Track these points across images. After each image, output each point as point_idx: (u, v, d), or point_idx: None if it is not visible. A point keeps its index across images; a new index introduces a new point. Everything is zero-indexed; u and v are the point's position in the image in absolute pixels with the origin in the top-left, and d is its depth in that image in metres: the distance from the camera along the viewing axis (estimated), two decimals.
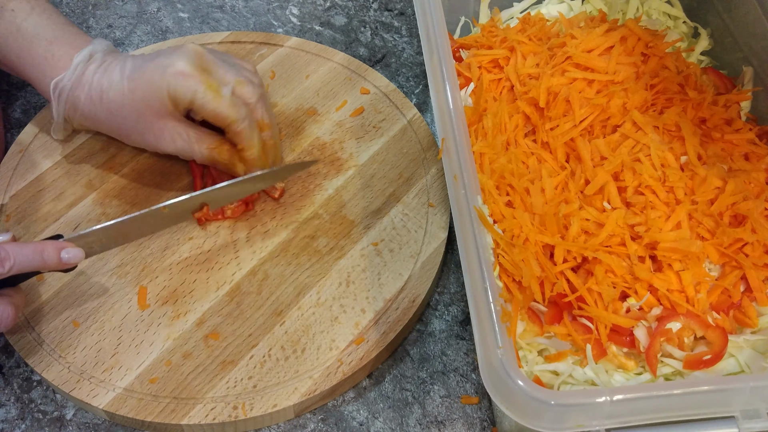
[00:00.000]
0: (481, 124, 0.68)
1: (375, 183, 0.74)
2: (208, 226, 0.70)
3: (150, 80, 0.66)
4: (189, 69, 0.65)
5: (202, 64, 0.66)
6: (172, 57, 0.66)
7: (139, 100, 0.66)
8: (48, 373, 0.61)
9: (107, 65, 0.68)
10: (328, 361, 0.62)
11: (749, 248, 0.60)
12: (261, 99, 0.69)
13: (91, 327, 0.64)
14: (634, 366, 0.58)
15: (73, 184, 0.73)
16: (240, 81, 0.68)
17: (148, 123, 0.68)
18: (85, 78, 0.68)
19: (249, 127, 0.67)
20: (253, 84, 0.69)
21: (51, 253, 0.59)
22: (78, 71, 0.68)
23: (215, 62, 0.67)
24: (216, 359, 0.63)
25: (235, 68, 0.69)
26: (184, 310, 0.65)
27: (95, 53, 0.69)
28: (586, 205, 0.62)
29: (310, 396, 0.61)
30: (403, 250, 0.69)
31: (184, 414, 0.59)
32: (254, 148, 0.68)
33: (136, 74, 0.66)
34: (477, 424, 0.62)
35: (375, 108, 0.79)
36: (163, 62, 0.66)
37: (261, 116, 0.69)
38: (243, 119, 0.66)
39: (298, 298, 0.66)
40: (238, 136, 0.67)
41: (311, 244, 0.69)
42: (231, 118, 0.66)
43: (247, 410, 0.60)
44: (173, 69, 0.65)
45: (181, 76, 0.65)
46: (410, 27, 0.91)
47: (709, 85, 0.72)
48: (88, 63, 0.68)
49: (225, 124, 0.67)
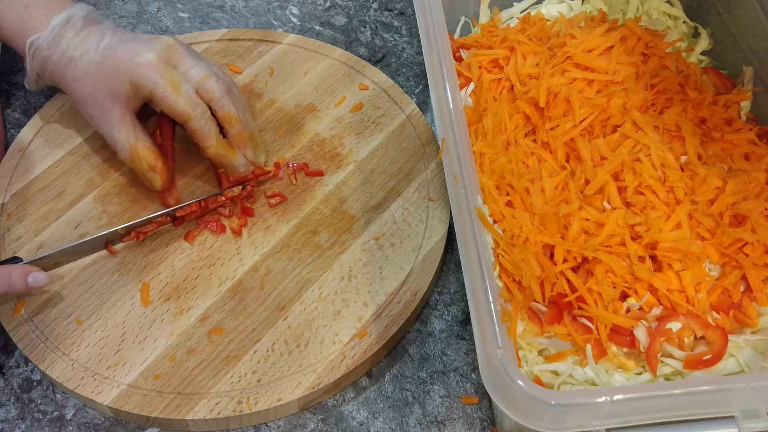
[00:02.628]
0: (481, 124, 0.68)
1: (375, 178, 0.74)
2: (207, 224, 0.70)
3: (118, 63, 0.68)
4: (156, 61, 0.67)
5: (170, 58, 0.68)
6: (144, 46, 0.68)
7: (102, 76, 0.68)
8: (52, 371, 0.62)
9: (85, 35, 0.70)
10: (331, 354, 0.63)
11: (749, 248, 0.60)
12: (227, 93, 0.70)
13: (95, 324, 0.64)
14: (634, 366, 0.58)
15: (73, 183, 0.73)
16: (206, 75, 0.69)
17: (100, 98, 0.69)
18: (62, 41, 0.70)
19: (204, 125, 0.69)
20: (220, 78, 0.71)
21: (18, 278, 0.62)
22: (54, 33, 0.70)
23: (185, 56, 0.69)
24: (220, 354, 0.63)
25: (204, 63, 0.71)
26: (187, 306, 0.65)
27: (74, 17, 0.71)
28: (586, 205, 0.62)
29: (314, 390, 0.61)
30: (404, 244, 0.69)
31: (189, 409, 0.60)
32: (212, 147, 0.70)
33: (107, 53, 0.68)
34: (477, 424, 0.62)
35: (374, 104, 0.80)
36: (135, 48, 0.68)
37: (227, 111, 0.70)
38: (199, 118, 0.68)
39: (300, 293, 0.66)
40: (193, 133, 0.69)
41: (312, 239, 0.70)
42: (186, 116, 0.68)
43: (251, 404, 0.60)
44: (141, 59, 0.67)
45: (146, 66, 0.67)
46: (410, 27, 0.91)
47: (709, 85, 0.72)
48: (66, 26, 0.70)
49: (181, 120, 0.68)
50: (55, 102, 0.79)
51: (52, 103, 0.79)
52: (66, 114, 0.78)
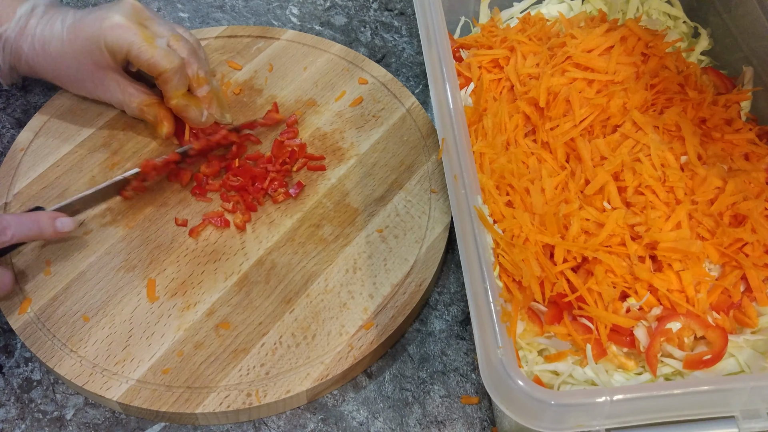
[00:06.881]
0: (481, 124, 0.68)
1: (377, 171, 0.75)
2: (211, 219, 0.70)
3: (88, 32, 0.69)
4: (125, 22, 0.69)
5: (138, 19, 0.70)
6: (111, 11, 0.70)
7: (78, 50, 0.70)
8: (60, 368, 0.62)
9: (49, 17, 0.71)
10: (338, 346, 0.63)
11: (749, 248, 0.60)
12: (193, 54, 0.73)
13: (102, 321, 0.65)
14: (634, 366, 0.58)
15: (76, 181, 0.73)
16: (174, 36, 0.71)
17: (88, 72, 0.72)
18: (28, 29, 0.71)
19: (179, 79, 0.71)
20: (186, 40, 0.73)
21: (46, 223, 0.64)
22: (21, 23, 0.71)
23: (151, 18, 0.71)
24: (227, 348, 0.63)
25: (170, 25, 0.73)
26: (194, 301, 0.66)
27: (37, 6, 0.72)
28: (586, 205, 0.62)
29: (322, 381, 0.61)
30: (408, 235, 0.70)
31: (198, 403, 0.60)
32: (176, 99, 0.72)
33: (75, 25, 0.70)
34: (477, 424, 0.62)
35: (374, 98, 0.80)
36: (101, 15, 0.69)
37: (196, 71, 0.73)
38: (175, 71, 0.70)
39: (306, 286, 0.67)
40: (165, 83, 0.71)
41: (317, 232, 0.70)
42: (163, 68, 0.69)
43: (260, 397, 0.60)
44: (110, 21, 0.69)
45: (117, 28, 0.69)
46: (410, 27, 0.91)
47: (709, 85, 0.72)
48: (31, 14, 0.72)
49: (157, 72, 0.70)
50: (55, 102, 0.79)
51: (51, 102, 0.79)
52: (66, 113, 0.78)
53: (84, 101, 0.78)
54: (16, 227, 0.62)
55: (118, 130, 0.77)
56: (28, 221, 0.63)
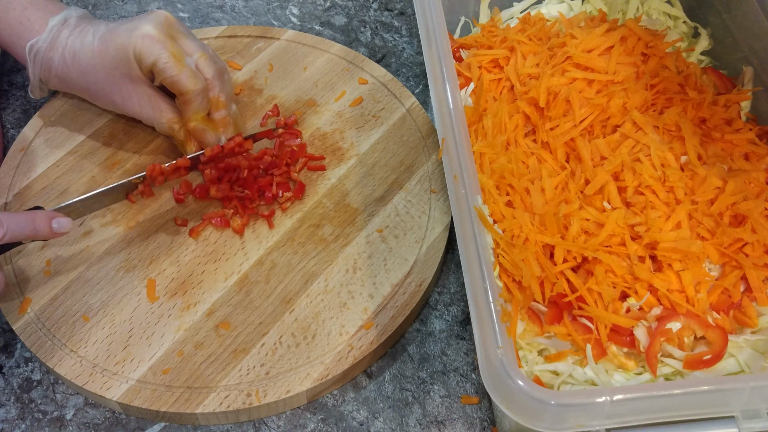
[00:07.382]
0: (481, 124, 0.68)
1: (377, 171, 0.75)
2: (211, 220, 0.70)
3: (118, 41, 0.68)
4: (155, 33, 0.68)
5: (170, 31, 0.69)
6: (143, 21, 0.69)
7: (109, 60, 0.69)
8: (60, 368, 0.62)
9: (81, 29, 0.71)
10: (339, 346, 0.63)
11: (749, 248, 0.60)
12: (218, 77, 0.71)
13: (102, 321, 0.65)
14: (634, 366, 0.58)
15: (76, 181, 0.73)
16: (203, 54, 0.70)
17: (117, 84, 0.71)
18: (59, 41, 0.70)
19: (200, 102, 0.70)
20: (214, 61, 0.72)
21: (43, 223, 0.62)
22: (53, 34, 0.71)
23: (183, 33, 0.70)
24: (227, 348, 0.63)
25: (201, 43, 0.72)
26: (194, 301, 0.66)
27: (69, 18, 0.72)
28: (586, 205, 0.62)
29: (322, 381, 0.61)
30: (408, 235, 0.70)
31: (198, 403, 0.60)
32: (194, 122, 0.71)
33: (107, 35, 0.69)
34: (477, 424, 0.62)
35: (374, 98, 0.80)
36: (133, 25, 0.68)
37: (217, 93, 0.71)
38: (198, 93, 0.69)
39: (306, 286, 0.67)
40: (186, 105, 0.70)
41: (317, 232, 0.70)
42: (186, 88, 0.68)
43: (261, 397, 0.60)
44: (140, 31, 0.68)
45: (147, 38, 0.67)
46: (410, 27, 0.91)
47: (709, 85, 0.72)
48: (63, 26, 0.71)
49: (180, 92, 0.69)
50: (55, 102, 0.79)
51: (51, 103, 0.79)
52: (66, 113, 0.78)
53: (84, 101, 0.78)
54: (11, 225, 0.60)
55: (118, 130, 0.77)
56: (24, 220, 0.62)
